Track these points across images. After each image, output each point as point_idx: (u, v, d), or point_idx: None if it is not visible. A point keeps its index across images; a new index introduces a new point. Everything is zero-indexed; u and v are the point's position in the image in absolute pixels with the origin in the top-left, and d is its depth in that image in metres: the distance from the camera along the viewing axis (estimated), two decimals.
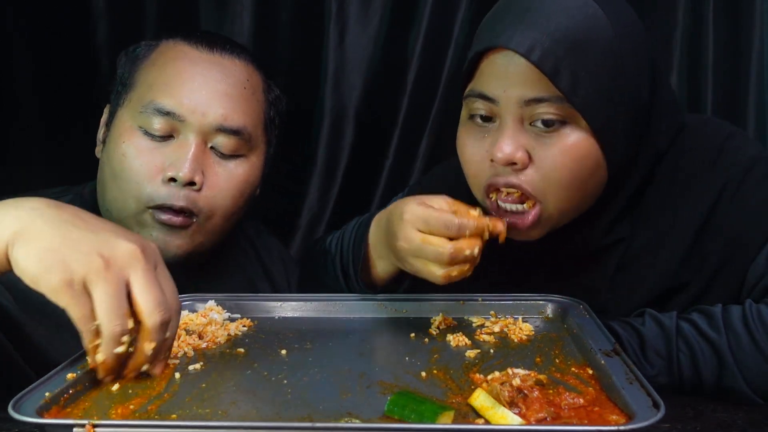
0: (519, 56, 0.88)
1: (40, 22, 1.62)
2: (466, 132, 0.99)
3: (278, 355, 0.88)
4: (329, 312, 1.05)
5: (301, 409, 0.72)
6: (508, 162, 0.92)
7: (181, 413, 0.71)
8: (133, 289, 0.73)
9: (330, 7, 1.73)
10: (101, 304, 0.71)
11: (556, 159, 0.91)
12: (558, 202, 0.93)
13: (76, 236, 0.72)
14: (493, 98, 0.92)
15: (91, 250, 0.72)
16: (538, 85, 0.89)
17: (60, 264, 0.70)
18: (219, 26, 1.72)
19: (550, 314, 1.02)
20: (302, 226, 1.87)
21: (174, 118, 1.03)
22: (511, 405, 0.70)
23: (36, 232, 0.72)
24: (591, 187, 0.95)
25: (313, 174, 1.84)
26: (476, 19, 1.73)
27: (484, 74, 0.94)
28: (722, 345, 0.90)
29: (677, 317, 0.95)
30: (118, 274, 0.72)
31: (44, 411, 0.69)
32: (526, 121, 0.92)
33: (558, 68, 0.87)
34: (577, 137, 0.90)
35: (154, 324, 0.74)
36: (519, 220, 0.95)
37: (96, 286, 0.71)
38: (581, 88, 0.88)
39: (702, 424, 0.82)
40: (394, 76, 1.78)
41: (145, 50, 1.10)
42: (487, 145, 0.95)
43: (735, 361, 0.89)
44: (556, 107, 0.89)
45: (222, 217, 1.09)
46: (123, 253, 0.73)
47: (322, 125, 1.80)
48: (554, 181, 0.92)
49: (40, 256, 0.71)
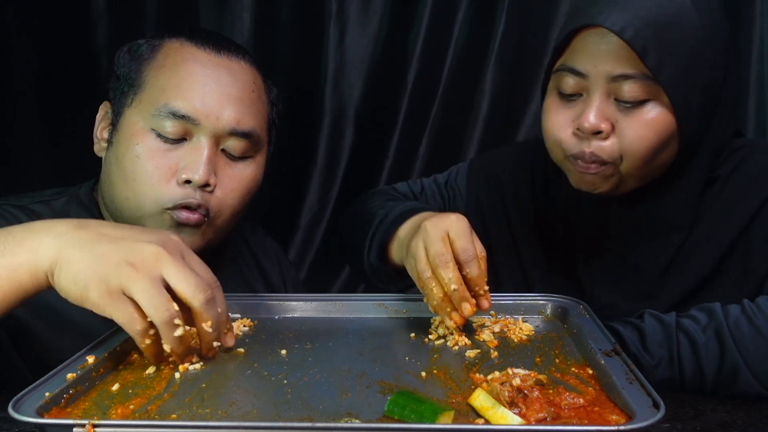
0: (611, 35, 0.96)
1: (40, 22, 1.62)
2: (552, 103, 1.06)
3: (278, 355, 0.88)
4: (329, 312, 1.05)
5: (300, 409, 0.72)
6: (594, 131, 0.99)
7: (181, 413, 0.71)
8: (170, 282, 0.79)
9: (330, 7, 1.74)
10: (143, 300, 0.76)
11: (639, 131, 0.98)
12: (630, 168, 1.01)
13: (102, 252, 0.78)
14: (584, 73, 0.99)
15: (119, 260, 0.77)
16: (626, 63, 0.96)
17: (94, 280, 0.76)
18: (219, 26, 1.72)
19: (550, 314, 1.02)
20: (302, 226, 1.87)
21: (188, 121, 1.04)
22: (511, 405, 0.70)
23: (67, 257, 0.78)
24: (662, 158, 1.03)
25: (313, 174, 1.84)
26: (476, 19, 1.75)
27: (576, 50, 1.01)
28: (723, 330, 0.92)
29: (677, 314, 0.97)
30: (150, 272, 0.78)
31: (44, 411, 0.69)
32: (612, 95, 0.99)
33: (646, 48, 0.94)
34: (657, 112, 0.98)
35: (200, 304, 0.80)
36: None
37: (133, 289, 0.76)
38: (666, 68, 0.95)
39: (702, 424, 0.82)
40: (394, 76, 1.78)
41: (148, 49, 1.09)
42: (573, 114, 1.02)
43: (736, 345, 0.91)
44: (641, 84, 0.97)
45: (230, 216, 1.11)
46: (148, 254, 0.79)
47: (322, 125, 1.80)
48: (633, 150, 0.99)
49: (76, 278, 0.77)
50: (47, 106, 1.67)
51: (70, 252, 0.78)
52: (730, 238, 1.06)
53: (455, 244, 0.90)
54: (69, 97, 1.66)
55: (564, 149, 1.04)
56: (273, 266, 1.35)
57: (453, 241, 0.90)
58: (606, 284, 1.14)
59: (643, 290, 1.11)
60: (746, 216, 1.05)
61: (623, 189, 1.06)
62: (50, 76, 1.66)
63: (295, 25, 1.77)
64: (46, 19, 1.63)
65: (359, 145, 1.83)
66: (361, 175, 1.84)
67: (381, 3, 1.75)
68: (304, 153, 1.84)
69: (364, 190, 1.79)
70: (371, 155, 1.82)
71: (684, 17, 0.96)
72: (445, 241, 0.90)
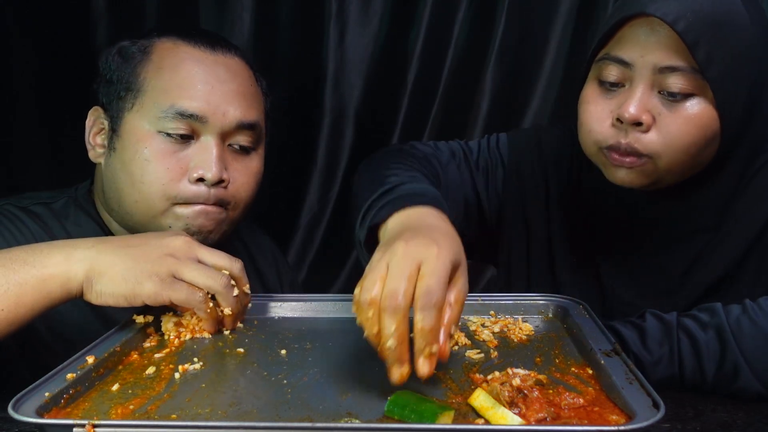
0: (662, 25, 0.94)
1: (40, 22, 1.62)
2: (592, 91, 1.04)
3: (278, 356, 0.88)
4: (329, 312, 1.05)
5: (300, 410, 0.72)
6: (634, 121, 0.97)
7: (180, 413, 0.71)
8: (206, 261, 0.91)
9: (330, 7, 1.74)
10: (196, 276, 0.89)
11: (681, 126, 0.96)
12: (669, 164, 0.99)
13: (139, 252, 0.88)
14: (630, 62, 0.98)
15: (158, 254, 0.88)
16: (674, 54, 0.94)
17: (145, 274, 0.86)
18: (219, 26, 1.72)
19: (549, 314, 1.02)
20: (302, 226, 1.87)
21: (196, 120, 1.04)
22: (511, 405, 0.70)
23: (107, 264, 0.87)
24: (703, 156, 1.01)
25: (313, 174, 1.84)
26: (476, 19, 1.75)
27: (623, 39, 0.99)
28: (724, 328, 0.92)
29: (678, 314, 0.97)
30: (189, 256, 0.90)
31: (44, 411, 0.69)
32: (656, 87, 0.97)
33: (698, 41, 0.93)
34: (701, 108, 0.96)
35: (238, 270, 0.93)
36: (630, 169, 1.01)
37: (183, 272, 0.88)
38: (714, 64, 0.94)
39: (702, 424, 0.82)
40: (394, 76, 1.78)
41: (139, 50, 1.08)
42: (613, 105, 1.00)
43: (736, 343, 0.91)
44: (687, 78, 0.95)
45: (243, 209, 1.13)
46: (180, 244, 0.91)
47: (322, 125, 1.80)
48: (674, 145, 0.97)
49: (124, 277, 0.86)
50: (47, 106, 1.67)
51: (107, 259, 0.86)
52: (749, 239, 1.05)
53: (420, 282, 0.71)
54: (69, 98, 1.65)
55: (598, 141, 1.02)
56: (270, 267, 1.35)
57: (421, 277, 0.71)
58: (626, 282, 1.13)
59: (663, 289, 1.10)
60: (763, 218, 1.05)
61: (659, 185, 1.03)
62: (50, 76, 1.66)
63: (295, 25, 1.77)
64: (46, 19, 1.63)
65: (359, 145, 1.82)
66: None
67: (381, 3, 1.75)
68: (304, 153, 1.84)
69: None
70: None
71: (735, 15, 0.95)
72: (411, 279, 0.71)
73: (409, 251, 0.72)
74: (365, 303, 0.71)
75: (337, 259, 1.89)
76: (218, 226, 1.08)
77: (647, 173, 1.00)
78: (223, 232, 1.10)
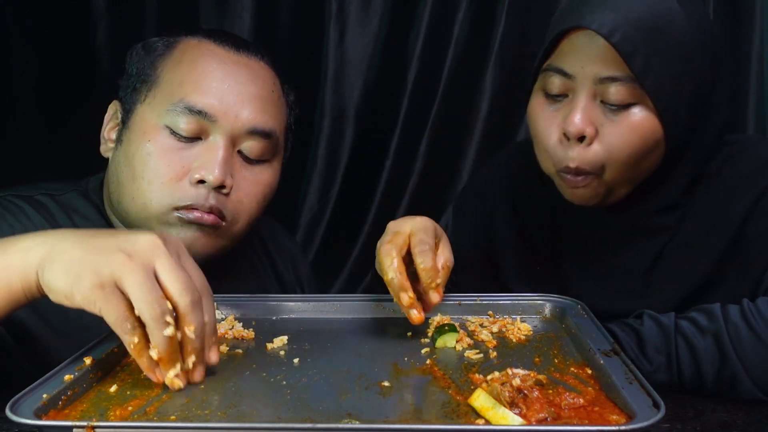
0: (599, 37, 0.95)
1: (40, 21, 1.62)
2: (538, 105, 1.05)
3: (277, 356, 0.88)
4: (328, 312, 1.05)
5: (300, 410, 0.72)
6: (579, 135, 0.98)
7: (179, 414, 0.71)
8: (160, 276, 0.74)
9: (330, 7, 1.74)
10: (134, 293, 0.71)
11: (624, 136, 0.98)
12: (615, 174, 1.00)
13: (97, 244, 0.74)
14: (571, 74, 0.99)
15: (113, 250, 0.73)
16: (613, 65, 0.96)
17: (87, 270, 0.72)
18: (219, 26, 1.72)
19: (548, 314, 1.02)
20: (302, 226, 1.87)
21: (205, 117, 1.00)
22: (512, 405, 0.70)
23: (60, 250, 0.74)
24: (647, 164, 1.02)
25: (313, 174, 1.84)
26: (476, 19, 1.75)
27: (564, 51, 1.00)
28: (722, 336, 0.91)
29: (675, 316, 0.96)
30: (143, 263, 0.73)
31: (42, 413, 0.69)
32: (598, 97, 0.98)
33: (634, 51, 0.94)
34: (642, 116, 0.97)
35: (185, 305, 0.74)
36: None
37: (125, 280, 0.71)
38: (652, 72, 0.95)
39: (702, 424, 0.82)
40: (394, 76, 1.78)
41: (163, 46, 1.06)
42: (559, 119, 1.01)
43: (735, 352, 0.90)
44: (627, 87, 0.96)
45: (246, 223, 1.07)
46: (144, 244, 0.74)
47: (322, 125, 1.80)
48: (617, 156, 0.98)
49: (67, 268, 0.73)
50: (47, 106, 1.67)
51: (62, 246, 0.74)
52: (725, 239, 1.04)
53: (413, 238, 0.91)
54: (69, 97, 1.66)
55: (554, 163, 1.03)
56: (287, 265, 1.32)
57: (412, 234, 0.91)
58: (592, 285, 1.13)
59: (630, 292, 1.10)
60: (737, 215, 1.04)
61: (614, 198, 1.05)
62: (50, 76, 1.66)
63: (295, 25, 1.77)
64: (46, 19, 1.63)
65: (359, 145, 1.82)
66: (361, 175, 1.83)
67: (381, 3, 1.75)
68: (304, 153, 1.83)
69: (364, 190, 1.80)
70: (371, 155, 1.82)
71: (673, 22, 0.95)
72: (403, 236, 0.91)
73: (398, 223, 0.95)
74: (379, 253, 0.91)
75: (337, 259, 1.89)
76: (215, 241, 1.03)
77: (597, 190, 1.02)
78: (221, 247, 1.05)
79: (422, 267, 0.88)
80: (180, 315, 0.74)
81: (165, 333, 0.72)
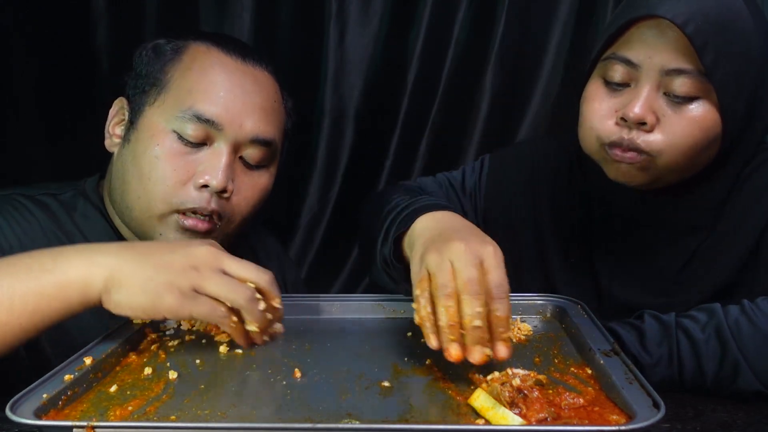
0: (671, 27, 0.95)
1: (40, 21, 1.62)
2: (596, 91, 1.04)
3: (277, 356, 0.88)
4: (328, 312, 1.05)
5: (300, 410, 0.72)
6: (639, 121, 0.98)
7: (179, 415, 0.71)
8: (233, 272, 0.85)
9: (330, 7, 1.73)
10: (220, 289, 0.83)
11: (685, 128, 0.97)
12: (669, 163, 1.00)
13: (160, 262, 0.83)
14: (637, 63, 0.98)
15: (181, 265, 0.83)
16: (682, 57, 0.95)
17: (166, 286, 0.81)
18: (219, 26, 1.72)
19: (548, 314, 1.02)
20: (302, 226, 1.87)
21: (211, 126, 1.04)
22: (512, 405, 0.70)
23: (128, 273, 0.82)
24: (703, 157, 1.02)
25: (313, 174, 1.84)
26: (476, 19, 1.75)
27: (632, 40, 0.99)
28: (723, 329, 0.92)
29: (676, 315, 0.97)
30: (213, 268, 0.84)
31: (42, 413, 0.69)
32: (662, 89, 0.98)
33: (706, 44, 0.93)
34: (705, 110, 0.97)
35: (266, 282, 0.87)
36: None
37: (205, 285, 0.82)
38: (720, 67, 0.95)
39: (702, 424, 0.82)
40: (394, 76, 1.77)
41: (172, 50, 1.09)
42: (618, 104, 1.01)
43: (736, 343, 0.91)
44: (693, 80, 0.96)
45: (240, 223, 1.11)
46: (204, 255, 0.85)
47: (322, 125, 1.80)
48: (676, 146, 0.98)
49: (144, 289, 0.81)
50: (47, 106, 1.67)
51: (128, 267, 0.82)
52: (749, 243, 1.06)
53: (489, 275, 0.79)
54: (68, 97, 1.65)
55: (600, 137, 1.02)
56: (273, 266, 1.35)
57: (487, 271, 0.80)
58: (623, 281, 1.13)
59: (660, 288, 1.11)
60: (760, 223, 1.05)
61: (658, 184, 1.04)
62: (50, 76, 1.66)
63: (295, 25, 1.76)
64: (46, 19, 1.63)
65: (359, 145, 1.82)
66: (361, 175, 1.83)
67: (381, 3, 1.75)
68: (304, 153, 1.83)
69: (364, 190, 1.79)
70: (371, 155, 1.82)
71: (739, 19, 0.96)
72: (480, 269, 0.79)
73: (470, 248, 0.81)
74: (446, 296, 0.78)
75: (337, 259, 1.88)
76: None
77: (647, 170, 1.01)
78: None
79: (497, 315, 0.78)
80: (265, 292, 0.87)
81: (260, 308, 0.85)
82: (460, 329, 0.78)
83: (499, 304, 0.78)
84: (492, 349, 0.78)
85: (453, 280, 0.79)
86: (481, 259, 0.80)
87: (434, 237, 0.87)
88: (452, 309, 0.78)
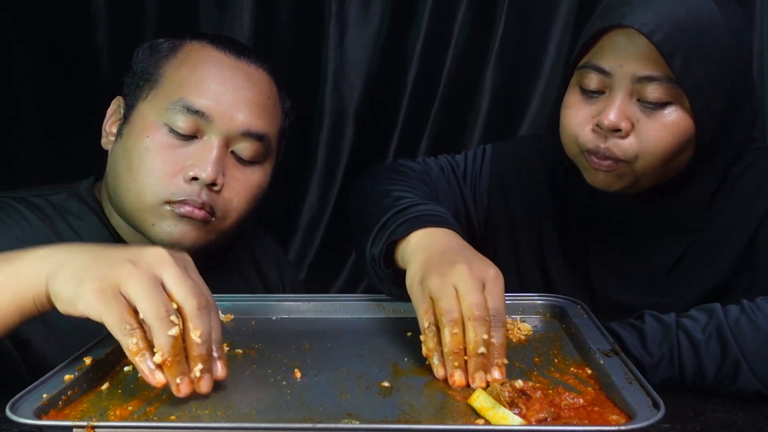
0: (640, 36, 0.96)
1: (40, 22, 1.62)
2: (573, 99, 1.07)
3: (276, 356, 0.88)
4: (327, 312, 1.05)
5: (300, 410, 0.72)
6: (613, 128, 1.00)
7: (179, 415, 0.71)
8: (166, 284, 0.73)
9: (330, 7, 1.73)
10: (138, 294, 0.71)
11: (658, 133, 1.00)
12: (645, 167, 1.02)
13: (106, 254, 0.75)
14: (609, 71, 1.01)
15: (120, 259, 0.73)
16: (652, 65, 0.97)
17: (91, 276, 0.72)
18: (219, 26, 1.72)
19: (548, 314, 1.02)
20: (302, 226, 1.87)
21: (202, 117, 1.04)
22: (512, 405, 0.70)
23: (70, 259, 0.75)
24: (677, 161, 1.04)
25: (313, 174, 1.84)
26: (476, 19, 1.75)
27: (603, 49, 1.02)
28: (723, 329, 0.93)
29: (676, 315, 0.97)
30: (149, 271, 0.73)
31: (42, 413, 0.69)
32: (635, 96, 1.00)
33: (674, 52, 0.95)
34: (678, 116, 0.99)
35: (192, 308, 0.73)
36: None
37: (129, 286, 0.71)
38: (691, 73, 0.96)
39: (702, 424, 0.82)
40: (394, 76, 1.77)
41: (168, 47, 1.10)
42: (594, 110, 1.04)
43: (736, 342, 0.91)
44: (664, 87, 0.98)
45: (235, 220, 1.10)
46: (151, 255, 0.75)
47: (322, 125, 1.80)
48: (650, 150, 1.00)
49: (73, 276, 0.73)
50: (47, 106, 1.67)
51: (72, 255, 0.76)
52: (741, 244, 1.07)
53: (489, 302, 0.80)
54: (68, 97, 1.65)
55: (579, 144, 1.05)
56: (271, 267, 1.35)
57: (487, 297, 0.80)
58: (616, 280, 1.15)
59: (653, 287, 1.12)
60: (753, 221, 1.07)
61: (636, 188, 1.06)
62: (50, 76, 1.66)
63: (295, 25, 1.76)
64: (46, 19, 1.63)
65: (359, 145, 1.82)
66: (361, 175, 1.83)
67: (381, 3, 1.75)
68: (304, 153, 1.83)
69: None
70: (371, 155, 1.82)
71: (712, 25, 0.97)
72: (483, 294, 0.80)
73: (474, 272, 0.81)
74: (451, 322, 0.78)
75: (337, 259, 1.88)
76: (204, 235, 1.06)
77: (623, 177, 1.03)
78: (210, 242, 1.08)
79: (493, 342, 0.79)
80: (186, 318, 0.73)
81: (170, 333, 0.70)
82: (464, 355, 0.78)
83: (496, 332, 0.79)
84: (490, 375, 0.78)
85: (458, 305, 0.79)
86: (483, 282, 0.81)
87: (433, 257, 0.87)
88: (458, 336, 0.78)
